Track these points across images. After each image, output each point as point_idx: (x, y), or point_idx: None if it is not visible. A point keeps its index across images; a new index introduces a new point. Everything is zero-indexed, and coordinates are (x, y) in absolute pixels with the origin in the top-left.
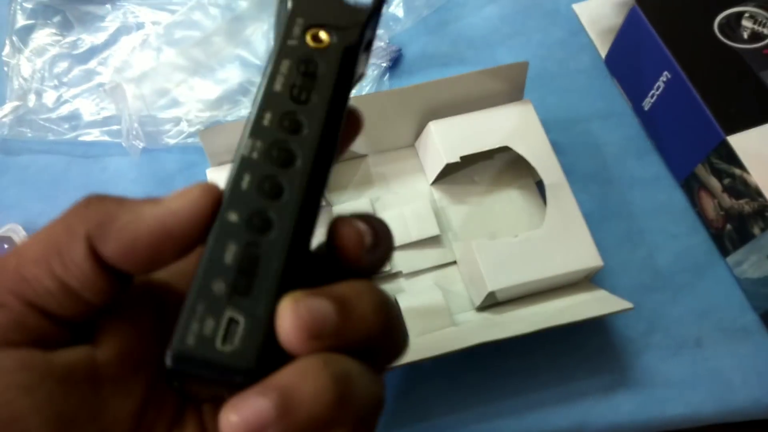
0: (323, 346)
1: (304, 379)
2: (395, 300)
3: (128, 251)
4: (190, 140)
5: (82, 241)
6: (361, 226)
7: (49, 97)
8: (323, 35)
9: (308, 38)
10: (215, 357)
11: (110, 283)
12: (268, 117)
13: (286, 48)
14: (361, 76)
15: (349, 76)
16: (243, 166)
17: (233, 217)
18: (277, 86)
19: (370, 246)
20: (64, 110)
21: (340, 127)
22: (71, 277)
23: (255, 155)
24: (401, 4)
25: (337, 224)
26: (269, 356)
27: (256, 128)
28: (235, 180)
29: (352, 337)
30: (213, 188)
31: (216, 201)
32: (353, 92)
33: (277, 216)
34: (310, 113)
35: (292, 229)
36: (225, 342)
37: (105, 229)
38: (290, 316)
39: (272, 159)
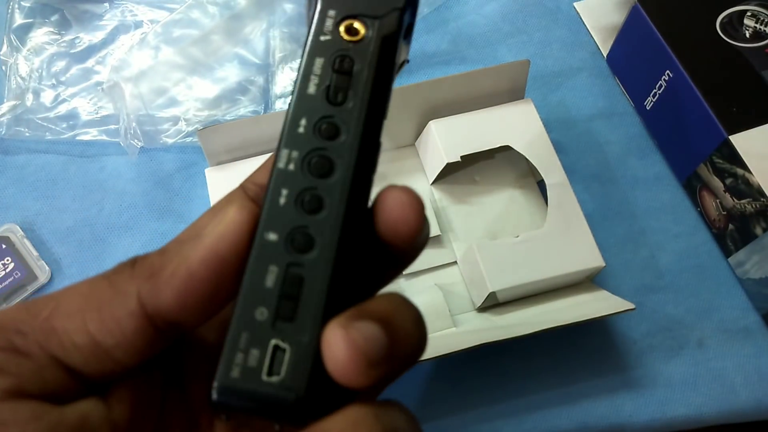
0: (379, 374)
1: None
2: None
3: (186, 293)
4: (188, 139)
5: (131, 301)
6: (407, 198)
7: (47, 97)
8: (358, 26)
9: (342, 31)
10: (261, 389)
11: (149, 344)
12: (303, 124)
13: (318, 44)
14: (403, 64)
15: (389, 68)
16: (279, 179)
17: (272, 236)
18: (311, 88)
19: (423, 224)
20: (61, 109)
21: (383, 125)
22: (107, 334)
23: (291, 167)
24: None
25: (384, 198)
26: (318, 384)
27: (291, 137)
28: (272, 196)
29: (400, 358)
30: (246, 203)
31: (254, 215)
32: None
33: (318, 232)
34: (347, 115)
35: (336, 246)
36: (271, 372)
37: (157, 281)
38: (342, 345)
39: (310, 170)
